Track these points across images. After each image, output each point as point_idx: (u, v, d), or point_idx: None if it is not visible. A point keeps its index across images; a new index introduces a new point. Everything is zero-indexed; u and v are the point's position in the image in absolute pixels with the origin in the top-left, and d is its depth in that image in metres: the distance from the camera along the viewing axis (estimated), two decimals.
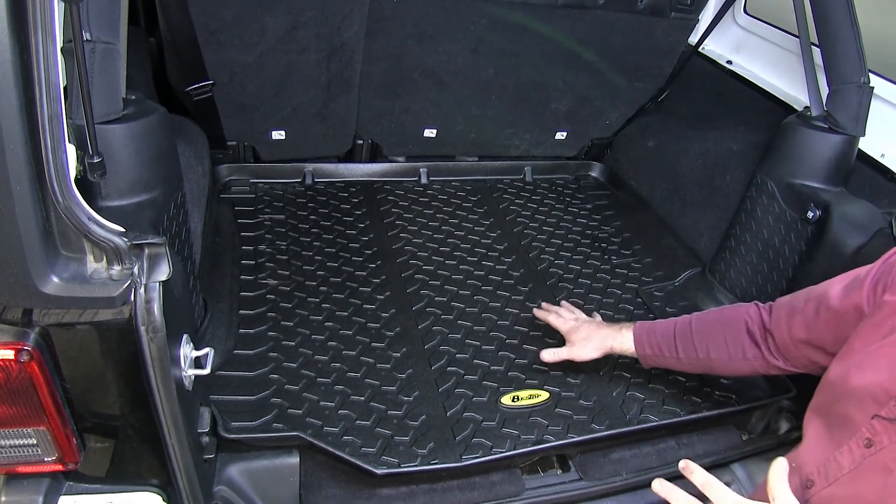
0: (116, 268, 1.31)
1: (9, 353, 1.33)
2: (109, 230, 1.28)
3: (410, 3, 2.58)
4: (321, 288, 2.56)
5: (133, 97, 1.72)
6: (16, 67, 1.09)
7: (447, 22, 2.69)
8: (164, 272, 1.35)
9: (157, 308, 1.35)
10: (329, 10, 2.49)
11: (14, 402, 1.41)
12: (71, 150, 1.25)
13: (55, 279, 1.27)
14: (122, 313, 1.34)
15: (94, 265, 1.31)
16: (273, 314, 2.40)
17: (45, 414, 1.44)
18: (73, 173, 1.26)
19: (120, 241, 1.28)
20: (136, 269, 1.32)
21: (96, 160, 1.35)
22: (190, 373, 1.60)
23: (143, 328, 1.36)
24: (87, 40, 1.48)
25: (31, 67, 1.12)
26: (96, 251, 1.30)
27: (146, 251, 1.34)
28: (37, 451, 1.51)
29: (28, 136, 1.15)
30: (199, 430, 1.74)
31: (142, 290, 1.34)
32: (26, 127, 1.14)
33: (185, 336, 1.59)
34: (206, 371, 1.63)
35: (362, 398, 2.14)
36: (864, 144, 2.40)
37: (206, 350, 1.65)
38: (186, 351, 1.59)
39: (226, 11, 2.39)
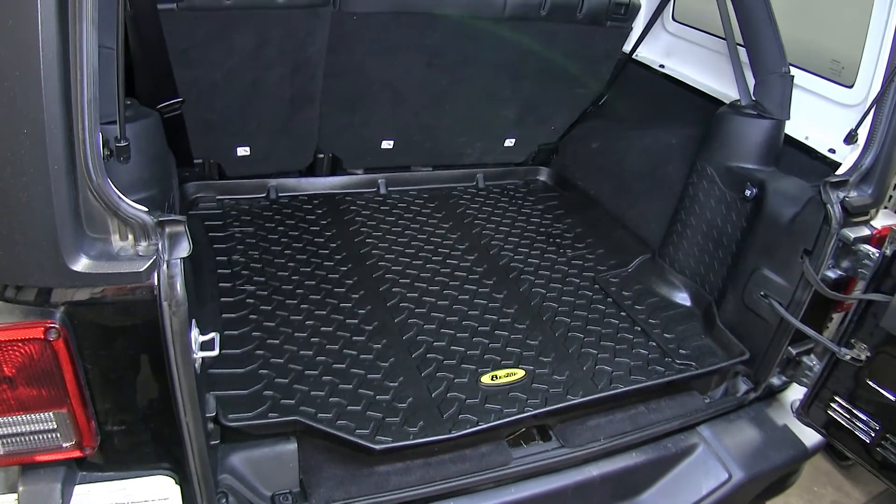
0: (143, 244, 1.40)
1: (37, 332, 1.39)
2: (136, 208, 1.38)
3: (369, 19, 2.74)
4: (297, 291, 2.65)
5: (129, 101, 1.81)
6: (60, 54, 1.19)
7: (403, 36, 2.85)
8: (185, 249, 1.44)
9: (179, 283, 1.44)
10: (294, 27, 2.63)
11: (39, 384, 1.47)
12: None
13: (84, 257, 1.36)
14: (147, 288, 1.42)
15: (119, 243, 1.40)
16: (255, 316, 2.48)
17: (68, 395, 1.49)
18: None
19: (147, 218, 1.38)
20: (159, 246, 1.42)
21: (124, 143, 1.44)
22: (199, 355, 1.68)
23: (166, 303, 1.44)
24: None
25: (73, 53, 1.22)
26: (122, 230, 1.39)
27: (167, 230, 1.43)
28: (56, 436, 1.56)
29: (66, 118, 1.24)
30: (207, 415, 1.81)
31: (164, 266, 1.43)
32: (65, 109, 1.24)
33: (193, 320, 1.67)
34: (215, 352, 1.71)
35: (350, 386, 2.24)
36: (791, 129, 2.64)
37: (213, 334, 1.73)
38: (195, 334, 1.67)
39: (196, 30, 2.50)
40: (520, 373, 2.39)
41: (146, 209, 1.40)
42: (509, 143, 3.57)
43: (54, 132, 1.23)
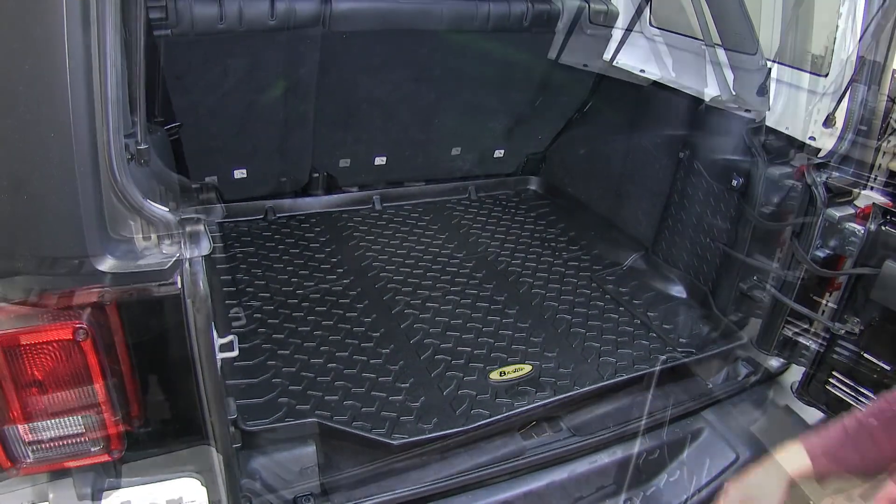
0: (167, 241, 1.45)
1: (65, 333, 1.42)
2: (158, 207, 1.43)
3: (358, 38, 2.82)
4: (303, 304, 2.70)
5: (134, 119, 1.87)
6: (85, 60, 1.25)
7: (391, 53, 2.95)
8: (205, 247, 1.49)
9: (201, 280, 1.49)
10: (286, 48, 2.71)
11: (68, 386, 1.49)
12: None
13: (110, 257, 1.40)
14: (171, 285, 1.47)
15: (143, 243, 1.45)
16: (264, 329, 2.52)
17: (96, 397, 1.52)
18: None
19: (170, 217, 1.43)
20: (181, 245, 1.47)
21: (144, 146, 1.50)
22: (220, 356, 1.72)
23: (189, 300, 1.49)
24: None
25: (95, 58, 1.28)
26: (145, 230, 1.44)
27: (187, 229, 1.49)
28: (84, 440, 1.58)
29: (91, 121, 1.30)
30: (229, 417, 1.84)
31: (187, 264, 1.48)
32: (90, 113, 1.29)
33: (212, 324, 1.71)
34: (235, 353, 1.75)
35: (363, 389, 2.29)
36: (771, 121, 2.72)
37: (231, 337, 1.78)
38: (213, 336, 1.71)
39: (191, 55, 2.57)
40: (527, 368, 2.44)
41: (167, 208, 1.45)
42: (498, 154, 3.66)
43: (81, 136, 1.28)
